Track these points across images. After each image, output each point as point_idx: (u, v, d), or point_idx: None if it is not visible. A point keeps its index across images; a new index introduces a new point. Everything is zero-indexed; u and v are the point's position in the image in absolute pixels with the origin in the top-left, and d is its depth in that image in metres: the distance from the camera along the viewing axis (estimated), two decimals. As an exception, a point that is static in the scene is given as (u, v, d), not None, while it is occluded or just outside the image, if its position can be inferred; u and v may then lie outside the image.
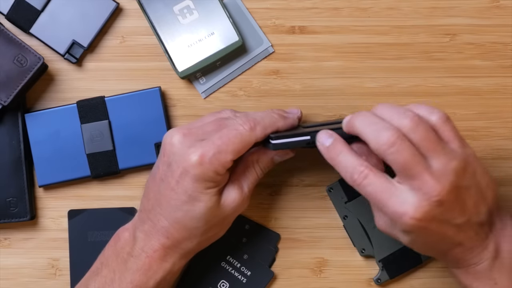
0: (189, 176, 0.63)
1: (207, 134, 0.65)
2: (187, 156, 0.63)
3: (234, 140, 0.64)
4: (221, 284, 0.75)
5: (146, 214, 0.66)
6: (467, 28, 0.77)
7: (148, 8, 0.76)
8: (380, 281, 0.75)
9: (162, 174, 0.65)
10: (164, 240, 0.66)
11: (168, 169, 0.64)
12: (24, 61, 0.73)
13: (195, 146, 0.63)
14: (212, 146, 0.63)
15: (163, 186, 0.65)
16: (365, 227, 0.74)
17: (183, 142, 0.64)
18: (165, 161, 0.65)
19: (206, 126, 0.66)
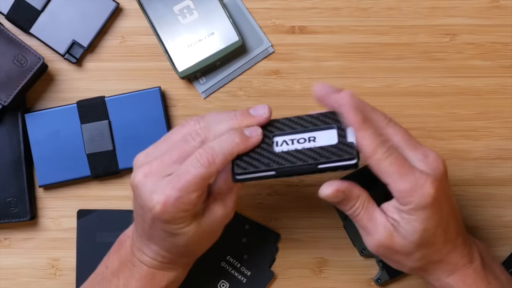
0: (159, 221, 0.61)
1: (168, 168, 0.62)
2: (151, 204, 0.61)
3: (194, 179, 0.60)
4: (221, 284, 0.75)
5: (139, 235, 0.66)
6: (467, 28, 0.77)
7: (148, 8, 0.76)
8: (380, 281, 0.75)
9: (139, 212, 0.64)
10: (161, 259, 0.66)
11: (141, 211, 0.63)
12: (24, 61, 0.73)
13: (156, 191, 0.61)
14: (173, 191, 0.60)
15: (143, 222, 0.64)
16: (365, 227, 0.74)
17: (145, 184, 0.61)
18: (137, 202, 0.64)
19: (166, 157, 0.62)
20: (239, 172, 0.62)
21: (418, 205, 0.60)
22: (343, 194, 0.61)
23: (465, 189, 0.76)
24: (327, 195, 0.61)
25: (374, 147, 0.59)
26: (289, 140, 0.63)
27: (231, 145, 0.61)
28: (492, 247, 0.75)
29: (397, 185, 0.60)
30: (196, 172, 0.60)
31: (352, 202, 0.62)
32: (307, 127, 0.63)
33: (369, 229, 0.62)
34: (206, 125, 0.63)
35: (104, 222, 0.75)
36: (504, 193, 0.76)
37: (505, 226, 0.76)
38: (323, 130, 0.62)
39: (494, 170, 0.76)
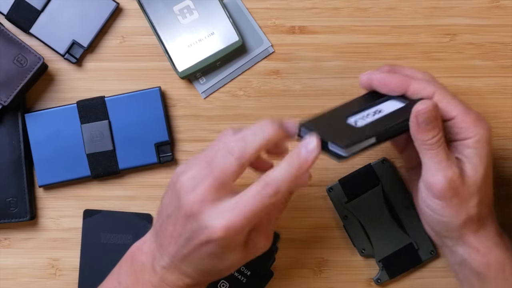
0: (214, 244, 0.60)
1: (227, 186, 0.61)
2: (212, 228, 0.59)
3: (257, 209, 0.59)
4: (221, 284, 0.75)
5: (166, 255, 0.63)
6: (467, 28, 0.77)
7: (148, 8, 0.76)
8: (380, 281, 0.75)
9: (183, 234, 0.61)
10: (188, 280, 0.63)
11: (190, 235, 0.61)
12: (24, 61, 0.73)
13: (218, 216, 0.59)
14: (237, 217, 0.59)
15: (184, 244, 0.61)
16: (365, 227, 0.74)
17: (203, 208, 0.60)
18: (185, 224, 0.61)
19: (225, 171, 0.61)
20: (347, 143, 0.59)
21: (482, 136, 0.63)
22: (436, 113, 0.62)
23: (465, 189, 0.76)
24: (425, 108, 0.61)
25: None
26: (360, 118, 0.63)
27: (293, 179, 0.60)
28: (492, 247, 0.75)
29: (464, 116, 0.63)
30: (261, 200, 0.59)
31: (437, 129, 0.62)
32: (367, 105, 0.64)
33: (443, 165, 0.62)
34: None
35: (110, 223, 0.75)
36: (504, 193, 0.76)
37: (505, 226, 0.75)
38: (383, 103, 0.64)
39: (494, 170, 0.76)
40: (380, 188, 0.75)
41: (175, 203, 0.62)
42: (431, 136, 0.62)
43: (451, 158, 0.62)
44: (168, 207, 0.63)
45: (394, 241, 0.74)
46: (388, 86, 0.65)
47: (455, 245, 0.65)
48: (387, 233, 0.74)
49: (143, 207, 0.76)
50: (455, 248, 0.65)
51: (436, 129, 0.62)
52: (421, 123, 0.61)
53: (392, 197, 0.75)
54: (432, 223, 0.66)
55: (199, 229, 0.60)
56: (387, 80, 0.65)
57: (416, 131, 0.62)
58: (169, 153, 0.75)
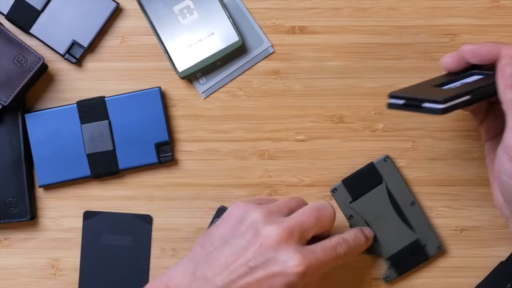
0: (283, 280, 0.60)
1: (308, 233, 0.63)
2: (292, 263, 0.60)
3: (331, 261, 0.63)
4: None
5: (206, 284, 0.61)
6: (467, 28, 0.77)
7: (148, 8, 0.76)
8: (389, 279, 0.75)
9: (251, 261, 0.61)
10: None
11: (262, 262, 0.61)
12: (24, 61, 0.73)
13: (300, 253, 0.61)
14: (317, 261, 0.62)
15: (246, 272, 0.61)
16: (371, 226, 0.74)
17: (287, 241, 0.61)
18: (261, 252, 0.61)
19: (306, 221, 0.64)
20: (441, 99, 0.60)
21: None
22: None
23: (465, 189, 0.76)
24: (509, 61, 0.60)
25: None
26: (448, 87, 0.64)
27: (360, 243, 0.69)
28: (492, 247, 0.75)
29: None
30: (334, 253, 0.64)
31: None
32: (451, 79, 0.65)
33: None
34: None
35: (110, 225, 0.75)
36: (504, 193, 0.76)
37: (505, 226, 0.75)
38: (466, 78, 0.65)
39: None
40: (384, 186, 0.75)
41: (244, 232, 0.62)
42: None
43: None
44: (226, 236, 0.63)
45: (401, 238, 0.74)
46: (479, 54, 0.64)
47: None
48: (393, 231, 0.74)
49: (143, 207, 0.76)
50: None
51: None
52: (507, 77, 0.60)
53: (396, 195, 0.75)
54: (507, 191, 0.63)
55: (277, 260, 0.61)
56: (478, 48, 0.64)
57: (504, 87, 0.60)
58: (169, 153, 0.75)
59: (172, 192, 0.76)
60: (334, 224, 0.67)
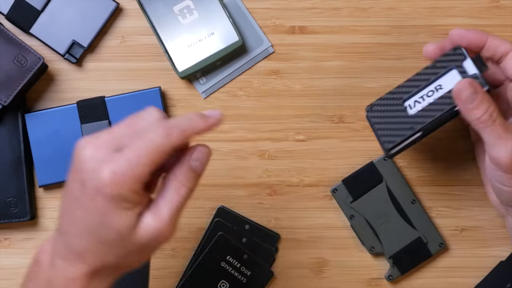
0: (101, 195, 0.54)
1: (120, 144, 0.56)
2: (99, 174, 0.54)
3: (147, 150, 0.54)
4: (221, 284, 0.75)
5: (62, 237, 0.57)
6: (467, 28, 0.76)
7: (148, 8, 0.76)
8: (392, 277, 0.75)
9: (75, 192, 0.56)
10: (81, 266, 0.57)
11: (81, 188, 0.55)
12: (24, 61, 0.73)
13: (107, 161, 0.54)
14: (124, 161, 0.54)
15: (75, 205, 0.56)
16: (373, 225, 0.75)
17: (94, 156, 0.55)
18: (78, 178, 0.55)
19: (118, 133, 0.56)
20: (390, 147, 0.66)
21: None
22: (474, 90, 0.61)
23: (465, 189, 0.76)
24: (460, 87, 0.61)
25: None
26: (419, 98, 0.66)
27: (189, 121, 0.56)
28: (492, 247, 0.75)
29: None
30: (150, 141, 0.54)
31: (486, 104, 0.61)
32: (429, 79, 0.66)
33: (504, 139, 0.61)
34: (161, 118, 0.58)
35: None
36: (504, 193, 0.76)
37: (505, 226, 0.75)
38: (445, 75, 0.66)
39: (494, 170, 0.76)
40: (384, 185, 0.75)
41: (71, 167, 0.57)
42: (481, 112, 0.61)
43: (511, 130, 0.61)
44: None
45: (403, 236, 0.74)
46: (466, 38, 0.66)
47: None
48: (394, 229, 0.74)
49: (143, 207, 0.76)
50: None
51: (483, 104, 0.61)
52: (464, 102, 0.61)
53: (396, 193, 0.75)
54: (500, 193, 0.65)
55: (88, 179, 0.54)
56: (466, 33, 0.66)
57: (465, 113, 0.62)
58: (169, 153, 0.75)
59: (172, 192, 0.76)
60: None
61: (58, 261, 0.57)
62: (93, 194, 0.54)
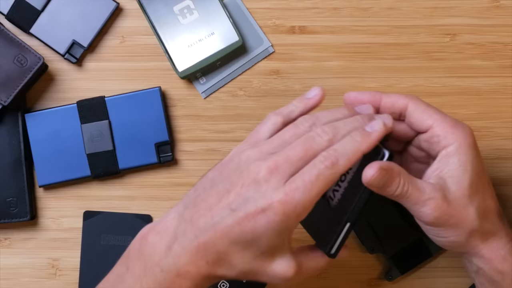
0: (265, 219, 0.56)
1: (295, 167, 0.57)
2: (272, 199, 0.56)
3: (319, 182, 0.56)
4: (221, 284, 0.75)
5: (192, 228, 0.59)
6: (467, 28, 0.77)
7: (148, 8, 0.76)
8: (392, 277, 0.75)
9: (232, 203, 0.58)
10: (202, 264, 0.59)
11: (243, 203, 0.57)
12: (24, 61, 0.73)
13: (281, 187, 0.56)
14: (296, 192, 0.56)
15: (228, 215, 0.58)
16: (373, 226, 0.75)
17: (269, 179, 0.57)
18: (241, 192, 0.57)
19: (292, 155, 0.58)
20: (329, 249, 0.60)
21: (462, 141, 0.61)
22: (387, 173, 0.59)
23: (465, 189, 0.76)
24: (372, 177, 0.58)
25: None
26: (335, 186, 0.61)
27: (354, 144, 0.58)
28: (492, 247, 0.75)
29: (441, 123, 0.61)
30: (318, 173, 0.56)
31: (397, 179, 0.60)
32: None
33: (422, 201, 0.60)
34: (330, 125, 0.60)
35: (110, 225, 0.75)
36: (504, 193, 0.76)
37: (505, 226, 0.75)
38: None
39: (494, 170, 0.76)
40: None
41: (230, 174, 0.58)
42: (394, 190, 0.60)
43: (426, 190, 0.60)
44: (215, 179, 0.60)
45: (403, 236, 0.74)
46: (360, 101, 0.63)
47: (470, 257, 0.64)
48: (395, 230, 0.75)
49: (143, 207, 0.76)
50: (470, 259, 0.64)
51: (395, 180, 0.60)
52: (376, 188, 0.60)
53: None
54: (441, 245, 0.64)
55: (257, 199, 0.56)
56: (360, 96, 0.63)
57: (379, 192, 0.60)
58: (169, 153, 0.75)
59: (172, 192, 0.76)
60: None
61: (177, 248, 0.58)
62: (255, 214, 0.56)
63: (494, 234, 0.63)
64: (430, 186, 0.60)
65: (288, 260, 0.59)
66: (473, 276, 0.66)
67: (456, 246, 0.63)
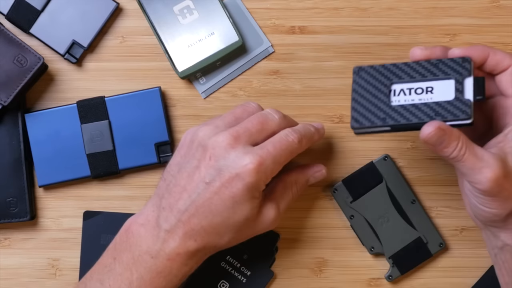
0: (241, 183, 0.62)
1: (254, 138, 0.64)
2: (243, 162, 0.62)
3: (286, 151, 0.63)
4: (221, 284, 0.75)
5: (173, 214, 0.63)
6: (467, 28, 0.77)
7: (148, 8, 0.76)
8: (392, 277, 0.75)
9: (205, 176, 0.62)
10: (191, 243, 0.63)
11: (216, 173, 0.62)
12: (24, 61, 0.73)
13: (250, 152, 0.62)
14: (268, 155, 0.62)
15: (204, 188, 0.62)
16: (373, 225, 0.75)
17: (234, 146, 0.62)
18: (211, 164, 0.63)
19: (250, 127, 0.65)
20: (355, 126, 0.64)
21: None
22: (444, 132, 0.60)
23: (465, 189, 0.76)
24: (429, 134, 0.60)
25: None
26: (406, 89, 0.64)
27: (309, 133, 0.67)
28: (492, 247, 0.76)
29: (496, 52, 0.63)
30: (288, 144, 0.63)
31: (454, 142, 0.61)
32: (426, 76, 0.64)
33: (478, 168, 0.60)
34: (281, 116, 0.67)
35: (110, 225, 0.75)
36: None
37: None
38: (441, 80, 0.63)
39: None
40: (384, 185, 0.75)
41: (194, 152, 0.63)
42: (450, 151, 0.61)
43: (484, 158, 0.61)
44: (180, 163, 0.64)
45: (403, 236, 0.74)
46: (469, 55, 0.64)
47: (499, 231, 0.64)
48: (394, 229, 0.75)
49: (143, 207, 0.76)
50: (498, 234, 0.65)
51: (451, 143, 0.61)
52: (433, 145, 0.61)
53: (396, 193, 0.75)
54: (478, 213, 0.65)
55: (228, 165, 0.61)
56: (469, 51, 0.64)
57: (435, 151, 0.62)
58: (169, 153, 0.75)
59: (172, 192, 0.76)
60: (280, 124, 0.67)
61: (162, 234, 0.63)
62: (231, 180, 0.61)
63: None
64: (490, 155, 0.61)
65: (268, 208, 0.66)
66: (495, 252, 0.66)
67: (494, 220, 0.64)
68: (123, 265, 0.64)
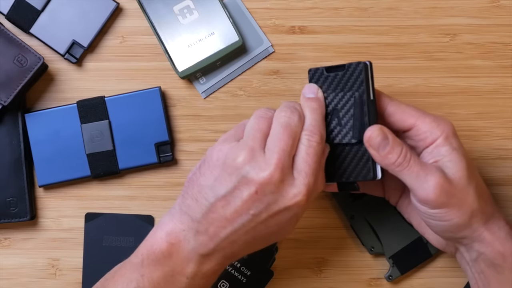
0: (290, 214, 0.61)
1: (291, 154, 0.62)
2: (291, 195, 0.60)
3: (317, 158, 0.62)
4: (221, 284, 0.75)
5: (213, 241, 0.61)
6: (467, 28, 0.77)
7: (148, 8, 0.76)
8: (392, 277, 0.75)
9: (251, 209, 0.60)
10: (227, 261, 0.63)
11: (263, 207, 0.60)
12: (24, 61, 0.73)
13: (295, 186, 0.61)
14: (310, 178, 0.61)
15: (249, 220, 0.61)
16: (373, 225, 0.75)
17: (281, 179, 0.60)
18: (258, 198, 0.60)
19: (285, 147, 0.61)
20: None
21: (448, 131, 0.63)
22: (387, 135, 0.62)
23: (465, 189, 0.76)
24: (372, 133, 0.61)
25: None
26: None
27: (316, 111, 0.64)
28: (492, 247, 0.75)
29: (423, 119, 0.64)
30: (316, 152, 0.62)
31: (399, 147, 0.62)
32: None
33: (423, 176, 0.61)
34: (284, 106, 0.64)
35: (112, 226, 0.75)
36: (504, 193, 0.76)
37: (505, 226, 0.75)
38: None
39: (494, 170, 0.76)
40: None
41: (235, 183, 0.61)
42: (395, 156, 0.62)
43: (427, 166, 0.62)
44: (216, 187, 0.61)
45: (403, 236, 0.74)
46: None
47: (472, 242, 0.65)
48: (395, 229, 0.75)
49: (143, 207, 0.76)
50: (471, 245, 0.65)
51: (397, 147, 0.62)
52: (377, 149, 0.62)
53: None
54: (442, 232, 0.65)
55: (277, 200, 0.60)
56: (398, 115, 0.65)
57: (380, 159, 0.62)
58: (169, 153, 0.75)
59: (172, 192, 0.76)
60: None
61: (199, 258, 0.62)
62: (278, 212, 0.61)
63: (492, 215, 0.65)
64: (431, 165, 0.63)
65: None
66: (470, 266, 0.66)
67: (458, 230, 0.64)
68: (153, 284, 0.62)
